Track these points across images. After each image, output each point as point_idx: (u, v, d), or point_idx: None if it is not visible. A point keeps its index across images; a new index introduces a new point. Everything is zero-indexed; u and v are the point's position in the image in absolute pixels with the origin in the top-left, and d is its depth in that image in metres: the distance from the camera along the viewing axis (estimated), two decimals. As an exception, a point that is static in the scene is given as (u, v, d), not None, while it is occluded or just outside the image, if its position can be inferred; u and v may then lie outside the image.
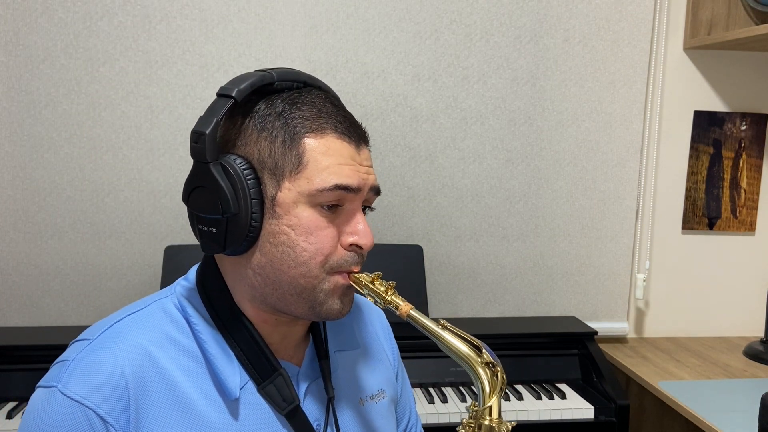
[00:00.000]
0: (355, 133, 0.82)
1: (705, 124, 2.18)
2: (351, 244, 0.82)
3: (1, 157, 1.88)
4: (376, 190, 0.85)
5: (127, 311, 0.85)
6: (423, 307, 1.90)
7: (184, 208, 2.04)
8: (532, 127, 2.08)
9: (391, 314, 0.86)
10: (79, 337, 0.82)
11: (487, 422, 0.78)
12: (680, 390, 1.78)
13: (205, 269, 0.87)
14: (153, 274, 1.95)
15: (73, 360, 0.77)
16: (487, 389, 0.78)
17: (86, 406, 0.74)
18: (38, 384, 0.79)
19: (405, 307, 0.81)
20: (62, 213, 1.91)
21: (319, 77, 0.89)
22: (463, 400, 1.76)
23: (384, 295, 0.82)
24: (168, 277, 1.80)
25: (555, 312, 2.16)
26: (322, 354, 0.91)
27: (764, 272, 2.27)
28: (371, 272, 0.85)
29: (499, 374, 0.79)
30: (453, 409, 1.72)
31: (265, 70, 0.83)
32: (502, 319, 2.12)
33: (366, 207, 0.86)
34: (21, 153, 1.88)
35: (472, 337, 0.81)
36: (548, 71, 2.06)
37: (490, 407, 0.78)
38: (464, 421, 0.80)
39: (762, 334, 2.08)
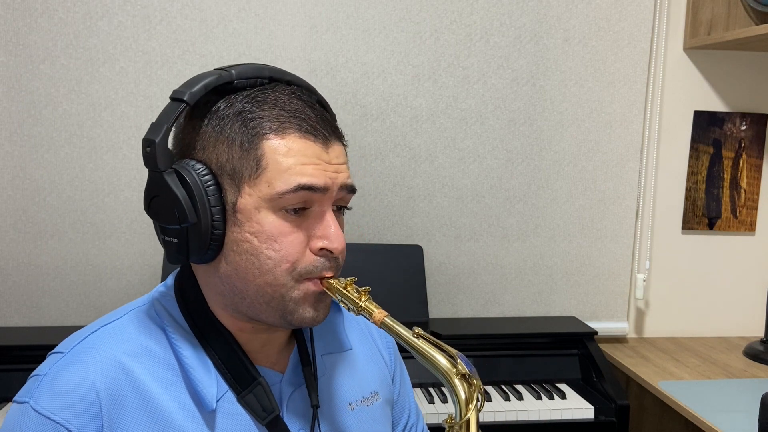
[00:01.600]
0: (322, 131, 0.78)
1: (705, 124, 2.18)
2: (321, 249, 0.78)
3: (1, 157, 1.88)
4: (349, 188, 0.80)
5: (102, 322, 0.82)
6: (423, 307, 1.90)
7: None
8: (532, 127, 2.08)
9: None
10: (54, 350, 0.81)
11: None
12: (680, 390, 1.78)
13: (182, 275, 0.85)
14: (153, 274, 1.95)
15: (45, 375, 0.76)
16: (464, 402, 0.74)
17: (57, 423, 0.72)
18: (14, 398, 0.78)
19: (379, 314, 0.77)
20: (62, 213, 1.91)
21: (319, 77, 0.86)
22: (463, 400, 1.76)
23: (357, 301, 0.78)
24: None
25: (555, 312, 2.16)
26: (305, 360, 0.87)
27: (764, 272, 2.27)
28: (371, 273, 0.83)
29: (475, 386, 0.74)
30: (453, 409, 1.71)
31: (223, 68, 0.79)
32: (502, 319, 2.12)
33: (342, 207, 0.83)
34: (21, 153, 1.88)
35: (448, 347, 0.77)
36: (548, 71, 2.06)
37: (468, 421, 0.74)
38: None
39: (762, 334, 2.08)
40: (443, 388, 1.82)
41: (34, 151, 1.89)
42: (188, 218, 0.75)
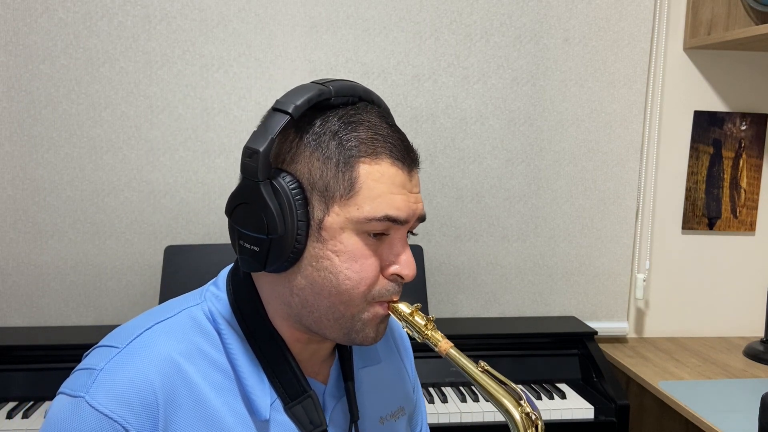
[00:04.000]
0: (408, 157, 0.80)
1: (705, 124, 2.18)
2: (393, 274, 0.79)
3: (1, 157, 1.88)
4: (422, 219, 0.82)
5: (156, 318, 0.81)
6: (423, 307, 1.90)
7: (185, 208, 2.04)
8: (532, 127, 2.08)
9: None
10: (104, 343, 0.79)
11: None
12: (680, 390, 1.78)
13: (238, 279, 0.84)
14: (153, 274, 1.95)
15: (101, 369, 0.74)
16: None
17: (115, 421, 0.70)
18: (62, 390, 0.75)
19: (444, 344, 0.79)
20: (62, 213, 1.91)
21: (319, 77, 0.86)
22: (463, 400, 1.76)
23: (423, 329, 0.80)
24: (168, 277, 1.80)
25: (555, 312, 2.16)
26: (348, 374, 0.88)
27: (764, 272, 2.27)
28: None
29: (539, 427, 0.75)
30: (453, 409, 1.72)
31: (322, 83, 0.79)
32: (502, 319, 2.12)
33: (409, 232, 0.83)
34: (21, 153, 1.88)
35: (511, 383, 0.78)
36: (548, 71, 2.06)
37: None
38: None
39: (762, 334, 2.08)
40: (443, 389, 1.82)
41: (34, 151, 1.89)
42: (277, 230, 0.75)
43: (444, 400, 1.76)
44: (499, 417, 1.70)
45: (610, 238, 2.15)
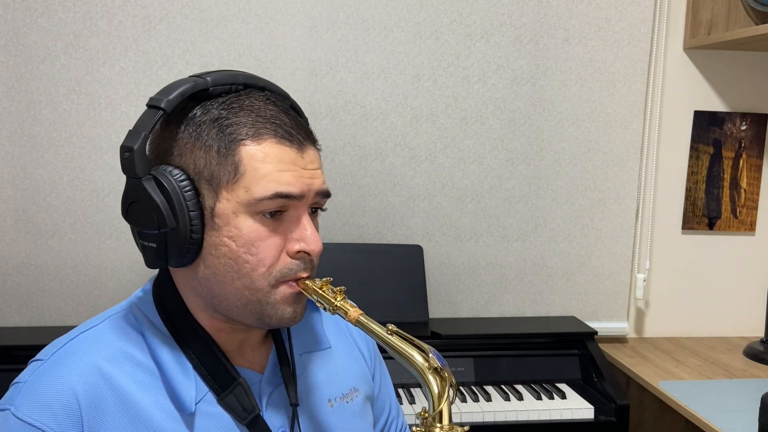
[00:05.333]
0: (297, 136, 0.79)
1: (705, 124, 2.18)
2: (298, 251, 0.80)
3: (1, 157, 1.87)
4: (324, 193, 0.82)
5: (81, 329, 0.84)
6: (423, 307, 1.90)
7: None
8: (532, 127, 2.08)
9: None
10: (35, 357, 0.82)
11: (438, 429, 0.76)
12: (680, 390, 1.78)
13: (160, 279, 0.86)
14: (152, 274, 1.95)
15: (26, 382, 0.78)
16: (437, 395, 0.76)
17: (38, 428, 0.74)
18: None
19: (353, 312, 0.79)
20: (62, 213, 1.91)
21: (319, 77, 0.87)
22: (464, 400, 1.76)
23: (333, 300, 0.80)
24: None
25: (555, 312, 2.16)
26: (283, 359, 0.89)
27: (764, 272, 2.27)
28: (372, 273, 0.84)
29: (447, 378, 0.76)
30: (453, 409, 1.71)
31: (199, 75, 0.81)
32: (502, 319, 2.12)
33: (317, 209, 0.84)
34: (21, 153, 1.88)
35: (421, 342, 0.78)
36: (548, 71, 2.06)
37: (440, 412, 0.76)
38: (414, 429, 0.78)
39: (762, 334, 2.08)
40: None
41: (34, 151, 1.89)
42: (167, 223, 0.76)
43: (444, 400, 1.75)
44: (499, 417, 1.71)
45: (610, 238, 2.15)
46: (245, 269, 0.77)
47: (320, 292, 0.80)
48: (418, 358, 0.76)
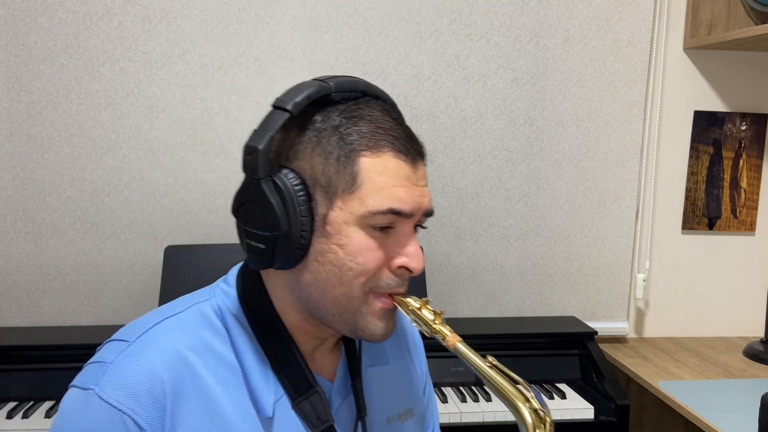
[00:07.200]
0: (412, 150, 0.78)
1: (705, 124, 2.18)
2: (400, 267, 0.79)
3: (1, 157, 1.88)
4: (429, 213, 0.81)
5: (165, 313, 0.82)
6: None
7: (185, 207, 2.04)
8: (532, 127, 2.08)
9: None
10: (115, 337, 0.80)
11: None
12: (680, 390, 1.78)
13: (246, 276, 0.84)
14: (153, 274, 1.95)
15: (111, 363, 0.75)
16: None
17: (124, 412, 0.71)
18: (73, 383, 0.76)
19: (452, 339, 0.78)
20: (62, 213, 1.91)
21: (319, 77, 0.86)
22: (463, 400, 1.76)
23: (431, 323, 0.79)
24: (168, 277, 1.80)
25: (555, 312, 2.16)
26: (355, 372, 0.88)
27: (764, 272, 2.27)
28: None
29: (547, 424, 0.74)
30: (453, 409, 1.72)
31: (322, 80, 0.79)
32: (502, 319, 2.12)
33: (417, 226, 0.83)
34: (21, 153, 1.88)
35: (519, 378, 0.77)
36: (548, 71, 2.06)
37: None
38: None
39: (762, 334, 2.08)
40: (443, 389, 1.82)
41: (34, 151, 1.89)
42: (280, 226, 0.75)
43: (444, 400, 1.76)
44: (499, 417, 1.71)
45: (610, 238, 2.15)
46: (347, 276, 0.77)
47: (419, 312, 0.80)
48: (518, 396, 0.76)
